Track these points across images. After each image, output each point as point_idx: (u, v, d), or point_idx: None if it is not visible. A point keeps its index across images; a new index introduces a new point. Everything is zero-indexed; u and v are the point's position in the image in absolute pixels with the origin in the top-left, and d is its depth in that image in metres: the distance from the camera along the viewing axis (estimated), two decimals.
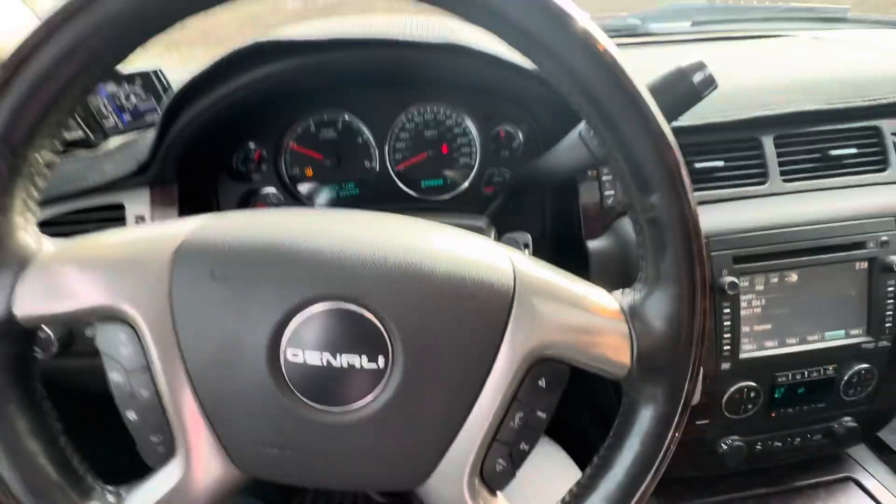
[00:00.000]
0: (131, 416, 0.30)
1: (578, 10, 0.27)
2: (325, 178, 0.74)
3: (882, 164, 0.70)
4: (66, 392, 0.51)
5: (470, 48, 0.57)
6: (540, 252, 0.68)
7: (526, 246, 0.59)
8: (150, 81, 0.63)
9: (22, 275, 0.29)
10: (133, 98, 0.64)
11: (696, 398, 0.61)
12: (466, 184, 0.76)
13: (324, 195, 0.75)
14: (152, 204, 0.64)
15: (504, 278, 0.30)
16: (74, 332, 0.60)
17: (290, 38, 0.55)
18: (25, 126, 0.27)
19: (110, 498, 0.32)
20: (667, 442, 0.31)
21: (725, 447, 0.68)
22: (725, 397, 0.65)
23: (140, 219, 0.64)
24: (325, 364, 0.29)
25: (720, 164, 0.67)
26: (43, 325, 0.35)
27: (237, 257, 0.30)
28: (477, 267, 0.30)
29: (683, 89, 0.44)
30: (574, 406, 0.30)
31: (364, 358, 0.29)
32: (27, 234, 0.30)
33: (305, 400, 0.30)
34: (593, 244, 0.68)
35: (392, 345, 0.29)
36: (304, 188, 0.75)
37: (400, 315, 0.29)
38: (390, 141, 0.74)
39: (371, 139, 0.74)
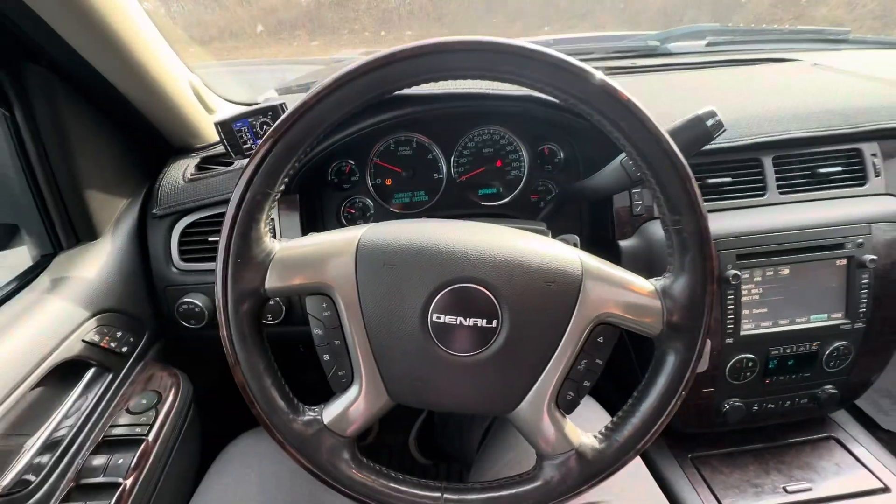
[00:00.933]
0: (326, 357, 0.40)
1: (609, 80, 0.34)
2: (402, 186, 0.84)
3: (861, 180, 0.78)
4: (284, 347, 0.64)
5: (540, 98, 0.69)
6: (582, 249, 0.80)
7: (575, 245, 0.60)
8: (277, 112, 0.76)
9: (270, 262, 0.39)
10: (265, 126, 0.75)
11: (705, 364, 0.75)
12: (516, 192, 0.85)
13: (401, 200, 0.85)
14: (280, 210, 0.75)
15: (575, 269, 0.39)
16: (293, 306, 0.72)
17: (416, 92, 0.62)
18: (276, 174, 0.38)
19: (311, 413, 0.42)
20: (686, 378, 0.40)
21: (728, 407, 0.76)
22: (728, 366, 0.73)
23: (271, 220, 0.65)
24: (457, 324, 0.38)
25: (728, 179, 0.76)
26: (278, 297, 0.47)
27: (399, 252, 0.39)
28: (556, 261, 0.39)
29: (699, 132, 0.51)
30: (602, 376, 0.41)
31: (483, 321, 0.38)
32: (269, 236, 0.40)
33: (443, 348, 0.39)
34: (624, 243, 0.75)
35: (501, 312, 0.38)
36: (385, 194, 0.84)
37: (507, 293, 0.38)
38: (455, 157, 0.84)
39: (440, 155, 0.84)
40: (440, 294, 0.38)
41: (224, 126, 0.73)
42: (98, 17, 0.59)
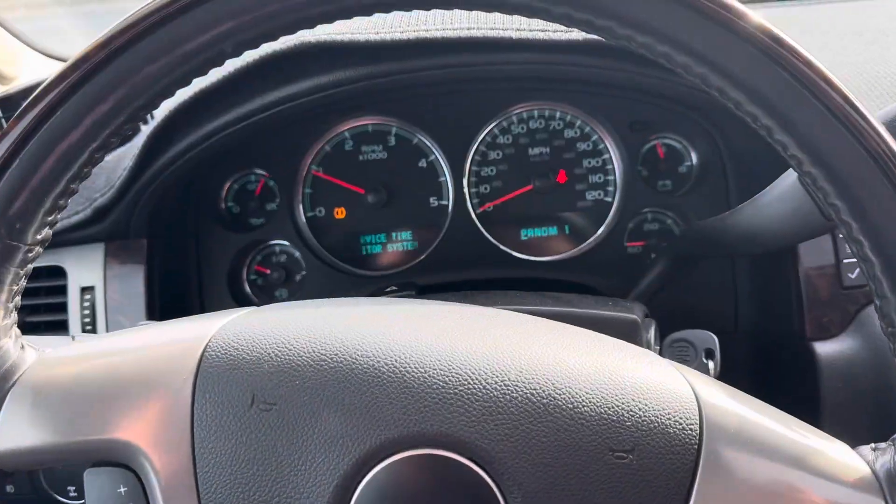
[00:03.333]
0: None
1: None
2: (365, 221, 0.63)
3: None
4: None
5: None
6: (730, 358, 0.54)
7: (710, 355, 0.48)
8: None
9: (6, 390, 0.29)
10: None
11: None
12: (599, 234, 0.62)
13: (364, 249, 0.64)
14: (107, 268, 0.58)
15: (684, 421, 0.27)
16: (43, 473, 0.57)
17: (356, 38, 0.51)
18: (31, 208, 0.28)
19: None
20: None
21: None
22: None
23: (87, 291, 0.58)
24: None
25: None
26: (15, 471, 0.33)
27: (286, 375, 0.28)
28: (641, 402, 0.27)
29: None
30: None
31: None
32: (9, 339, 0.29)
33: None
34: (825, 348, 0.55)
35: None
36: (332, 237, 0.64)
37: (523, 473, 0.26)
38: (471, 164, 0.63)
39: (441, 162, 0.62)
40: (371, 473, 0.26)
41: (3, 105, 0.62)
42: None
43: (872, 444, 0.28)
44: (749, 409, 0.28)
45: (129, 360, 0.30)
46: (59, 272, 0.58)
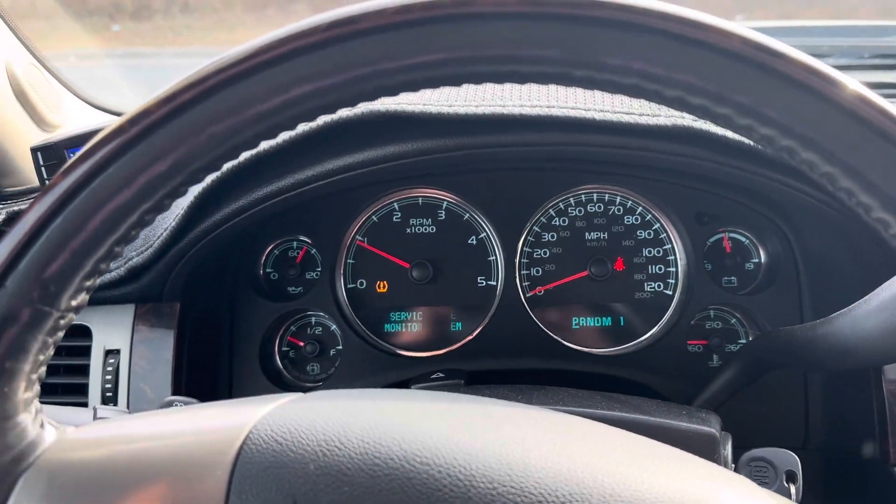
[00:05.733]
0: None
1: None
2: (409, 298, 0.63)
3: None
4: None
5: (711, 134, 0.51)
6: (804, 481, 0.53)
7: (791, 478, 0.46)
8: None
9: (21, 472, 0.28)
10: None
11: None
12: (657, 329, 0.61)
13: (404, 327, 0.64)
14: (135, 331, 0.57)
15: None
16: None
17: (428, 110, 0.50)
18: (65, 273, 0.27)
19: None
20: None
21: None
22: None
23: (112, 354, 0.57)
24: None
25: None
26: None
27: (334, 479, 0.25)
28: None
29: None
30: None
31: None
32: (29, 415, 0.28)
33: None
34: None
35: None
36: (372, 313, 0.63)
37: None
38: (524, 245, 0.63)
39: (492, 240, 0.62)
40: None
41: (45, 154, 0.61)
42: None
43: None
44: None
45: (158, 448, 0.29)
46: (83, 331, 0.57)
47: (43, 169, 0.60)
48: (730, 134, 0.52)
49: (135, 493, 0.27)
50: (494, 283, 0.62)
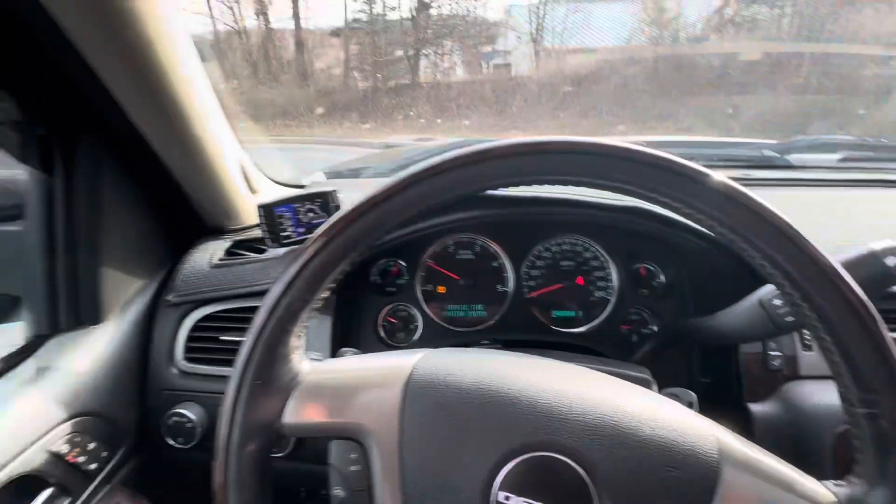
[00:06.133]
0: None
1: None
2: (458, 297, 0.83)
3: None
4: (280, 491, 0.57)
5: (650, 212, 0.67)
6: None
7: (690, 405, 0.56)
8: (326, 200, 0.76)
9: (294, 388, 0.36)
10: (310, 213, 0.77)
11: None
12: (601, 319, 0.81)
13: (453, 313, 0.83)
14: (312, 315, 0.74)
15: (709, 450, 0.33)
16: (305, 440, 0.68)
17: (504, 193, 0.65)
18: (321, 279, 0.36)
19: None
20: None
21: None
22: None
23: (302, 334, 0.72)
24: None
25: None
26: (295, 436, 0.42)
27: (463, 394, 0.35)
28: (682, 436, 0.33)
29: (877, 271, 0.45)
30: None
31: None
32: (297, 355, 0.37)
33: None
34: (757, 408, 0.67)
35: (597, 502, 0.32)
36: (436, 304, 0.83)
37: (608, 475, 0.32)
38: (526, 268, 0.82)
39: (507, 264, 0.82)
40: (511, 464, 0.33)
41: (267, 210, 0.76)
42: (167, 90, 0.61)
43: (833, 481, 0.35)
44: (747, 446, 0.35)
45: (363, 371, 0.38)
46: None
47: (263, 217, 0.75)
48: (658, 211, 0.66)
49: (351, 397, 0.36)
50: (507, 289, 0.81)
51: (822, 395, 0.63)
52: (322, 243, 0.36)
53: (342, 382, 0.38)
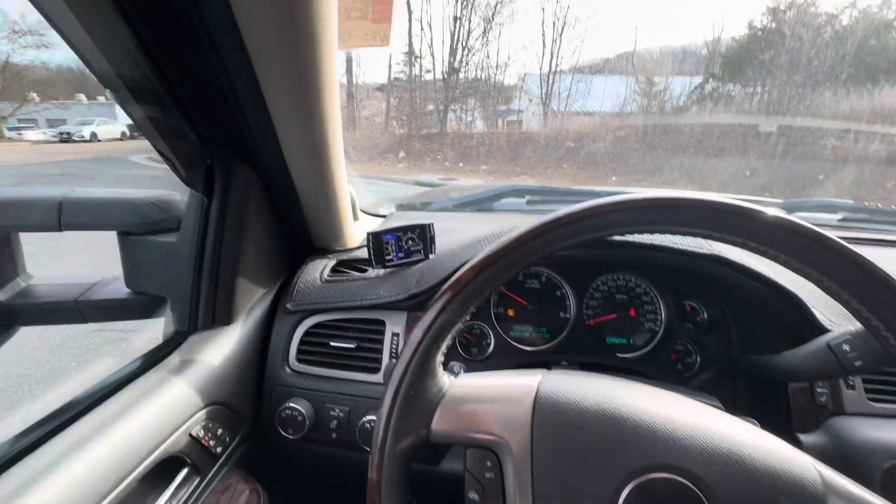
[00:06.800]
0: None
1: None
2: (525, 319, 0.80)
3: None
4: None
5: (730, 261, 0.63)
6: None
7: None
8: (423, 231, 0.77)
9: (440, 400, 0.36)
10: (409, 241, 0.78)
11: None
12: (650, 347, 0.78)
13: (520, 333, 0.80)
14: (407, 326, 0.71)
15: (812, 481, 0.31)
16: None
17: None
18: (470, 302, 0.37)
19: None
20: None
21: None
22: None
23: (395, 335, 0.70)
24: None
25: None
26: (439, 443, 0.40)
27: (585, 415, 0.34)
28: (789, 466, 0.32)
29: None
30: None
31: None
32: (441, 369, 0.38)
33: None
34: (807, 439, 0.63)
35: None
36: (506, 325, 0.81)
37: (725, 497, 0.31)
38: (587, 298, 0.80)
39: (569, 294, 0.80)
40: (636, 482, 0.32)
41: (375, 237, 0.76)
42: (320, 128, 0.62)
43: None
44: (845, 479, 0.33)
45: (495, 389, 0.38)
46: (380, 322, 0.72)
47: (371, 242, 0.75)
48: (712, 252, 0.63)
49: (487, 411, 0.36)
50: (569, 316, 0.79)
51: (867, 431, 0.59)
52: (475, 272, 0.36)
53: (481, 395, 0.37)
